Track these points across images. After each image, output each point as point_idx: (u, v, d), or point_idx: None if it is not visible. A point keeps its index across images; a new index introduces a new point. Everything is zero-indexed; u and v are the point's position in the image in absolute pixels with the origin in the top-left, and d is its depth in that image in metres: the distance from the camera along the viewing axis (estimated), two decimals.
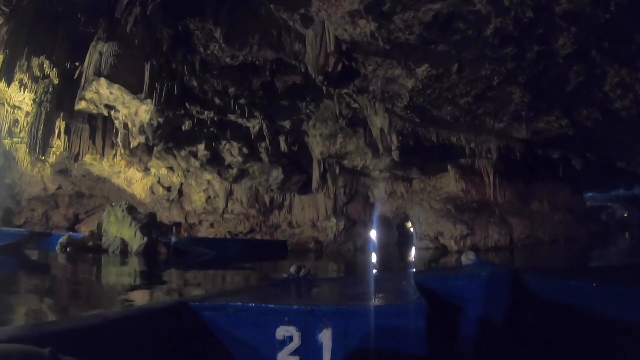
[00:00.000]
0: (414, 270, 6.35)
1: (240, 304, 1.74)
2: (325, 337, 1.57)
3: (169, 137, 17.34)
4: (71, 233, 17.76)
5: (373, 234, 18.70)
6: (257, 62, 11.10)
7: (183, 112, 15.72)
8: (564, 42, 7.73)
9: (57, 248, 15.98)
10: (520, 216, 15.85)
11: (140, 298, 5.56)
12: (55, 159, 21.15)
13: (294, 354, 1.60)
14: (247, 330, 1.69)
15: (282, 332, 1.62)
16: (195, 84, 12.62)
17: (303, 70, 10.55)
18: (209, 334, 1.72)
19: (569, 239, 18.24)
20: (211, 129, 16.61)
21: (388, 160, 14.56)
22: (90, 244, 16.48)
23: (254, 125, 15.93)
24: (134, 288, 6.72)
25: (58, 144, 20.15)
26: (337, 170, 17.45)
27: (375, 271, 10.20)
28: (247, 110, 14.86)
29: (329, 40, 8.20)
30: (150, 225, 15.83)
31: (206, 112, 15.63)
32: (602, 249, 15.90)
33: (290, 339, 1.61)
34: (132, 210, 16.39)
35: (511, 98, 9.26)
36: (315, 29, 8.43)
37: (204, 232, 22.75)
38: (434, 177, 15.67)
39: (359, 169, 15.89)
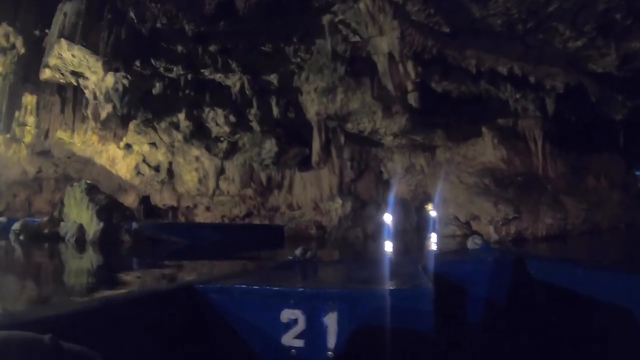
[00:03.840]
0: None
1: (245, 286, 1.59)
2: (330, 320, 1.42)
3: (139, 103, 13.56)
4: (27, 218, 14.22)
5: (387, 218, 14.42)
6: None
7: (149, 71, 11.92)
8: None
9: (10, 235, 12.66)
10: (575, 195, 11.34)
11: None
12: (31, 138, 17.65)
13: (298, 336, 1.45)
14: (252, 312, 1.52)
15: (286, 314, 1.47)
16: (132, 15, 8.60)
17: None
18: (214, 316, 1.57)
19: (629, 225, 13.62)
20: (186, 91, 12.67)
21: (403, 119, 10.26)
22: (46, 230, 12.96)
23: (234, 82, 11.85)
24: None
25: (31, 121, 16.71)
26: (342, 139, 13.24)
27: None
28: (220, 61, 10.82)
29: None
30: (109, 207, 12.07)
31: (175, 69, 11.75)
32: None
33: (295, 321, 1.46)
34: (91, 190, 12.66)
35: None
36: None
37: (200, 215, 18.96)
38: (464, 144, 11.19)
39: (366, 133, 11.62)
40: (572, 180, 11.72)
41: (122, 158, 17.39)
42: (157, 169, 17.89)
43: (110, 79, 12.60)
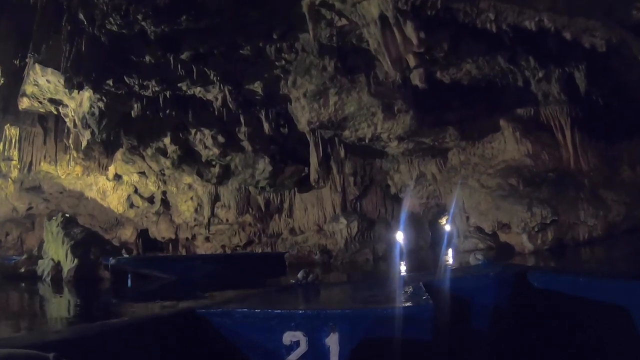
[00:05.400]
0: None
1: (246, 309, 1.57)
2: (332, 341, 1.38)
3: (119, 128, 12.13)
4: (7, 256, 12.78)
5: (399, 236, 12.63)
6: None
7: (123, 90, 10.54)
8: None
9: None
10: (614, 189, 9.49)
11: None
12: (17, 173, 16.30)
13: (301, 358, 1.41)
14: (254, 335, 1.49)
15: (288, 337, 1.43)
16: (82, 16, 7.17)
17: None
18: (216, 340, 1.53)
19: None
20: (167, 111, 11.22)
21: (407, 118, 8.59)
22: (22, 269, 11.51)
23: (215, 94, 10.35)
24: None
25: (16, 155, 15.37)
26: (342, 152, 11.59)
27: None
28: (195, 71, 9.33)
29: None
30: (86, 242, 10.50)
31: (150, 85, 10.27)
32: None
33: (297, 343, 1.41)
34: (68, 224, 11.11)
35: None
36: None
37: (201, 247, 17.32)
38: (480, 142, 9.42)
39: (367, 141, 9.95)
40: (606, 172, 9.87)
41: (112, 190, 15.89)
42: (151, 200, 16.36)
43: (86, 103, 11.35)
